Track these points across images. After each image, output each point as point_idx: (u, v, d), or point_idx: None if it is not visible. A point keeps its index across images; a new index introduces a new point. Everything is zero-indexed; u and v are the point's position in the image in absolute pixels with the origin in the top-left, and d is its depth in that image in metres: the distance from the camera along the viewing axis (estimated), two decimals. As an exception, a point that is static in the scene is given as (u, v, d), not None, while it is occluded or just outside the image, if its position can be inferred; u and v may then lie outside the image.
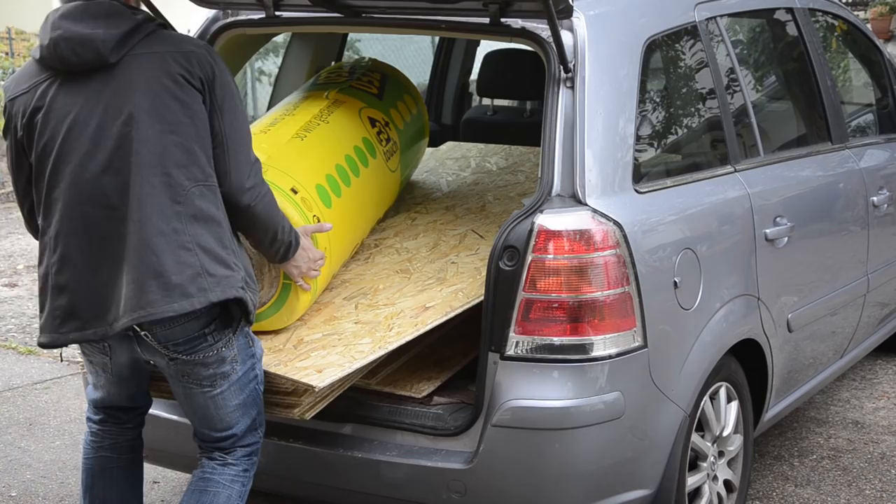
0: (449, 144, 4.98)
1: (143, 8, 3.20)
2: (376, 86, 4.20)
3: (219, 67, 3.03)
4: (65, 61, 2.95)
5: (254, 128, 3.66)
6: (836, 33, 5.34)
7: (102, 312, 2.97)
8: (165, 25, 3.09)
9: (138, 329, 2.98)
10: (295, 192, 3.45)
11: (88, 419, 3.40)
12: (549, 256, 3.17)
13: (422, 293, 3.55)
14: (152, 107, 2.92)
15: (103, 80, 2.95)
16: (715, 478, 3.78)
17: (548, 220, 3.19)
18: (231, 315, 3.06)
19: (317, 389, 3.12)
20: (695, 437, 3.61)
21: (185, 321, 2.96)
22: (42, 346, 3.08)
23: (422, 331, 3.37)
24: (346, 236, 3.74)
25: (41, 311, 3.09)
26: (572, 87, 3.32)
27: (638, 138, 3.49)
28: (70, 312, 3.00)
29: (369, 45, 9.70)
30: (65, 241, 2.99)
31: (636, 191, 3.41)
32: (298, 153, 3.67)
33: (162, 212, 2.91)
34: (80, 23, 2.93)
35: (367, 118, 4.02)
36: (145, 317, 2.91)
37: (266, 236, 3.19)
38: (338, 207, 3.64)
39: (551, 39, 3.29)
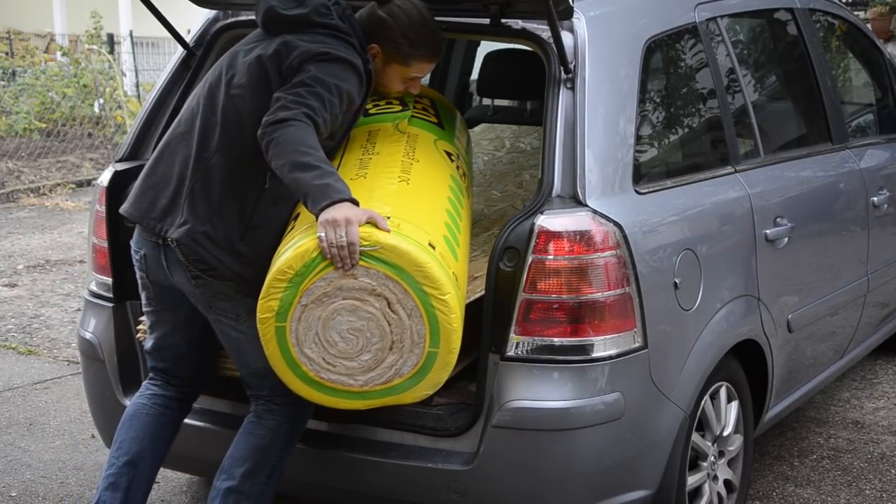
0: (483, 126, 5.03)
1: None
2: (432, 113, 3.74)
3: None
4: None
5: (343, 172, 3.24)
6: (836, 33, 5.34)
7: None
8: None
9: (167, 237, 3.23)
10: (433, 248, 3.03)
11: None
12: (549, 257, 3.17)
13: (468, 264, 3.51)
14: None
15: None
16: (715, 478, 3.79)
17: (548, 220, 3.19)
18: None
19: None
20: (695, 437, 3.61)
21: (208, 243, 3.16)
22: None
23: (471, 298, 3.35)
24: (463, 293, 3.20)
25: None
26: (573, 88, 3.32)
27: (638, 139, 3.50)
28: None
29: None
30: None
31: (636, 191, 3.41)
32: (413, 201, 3.21)
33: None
34: None
35: (444, 152, 3.56)
36: (134, 215, 3.32)
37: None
38: (461, 259, 3.22)
39: (552, 40, 3.29)
